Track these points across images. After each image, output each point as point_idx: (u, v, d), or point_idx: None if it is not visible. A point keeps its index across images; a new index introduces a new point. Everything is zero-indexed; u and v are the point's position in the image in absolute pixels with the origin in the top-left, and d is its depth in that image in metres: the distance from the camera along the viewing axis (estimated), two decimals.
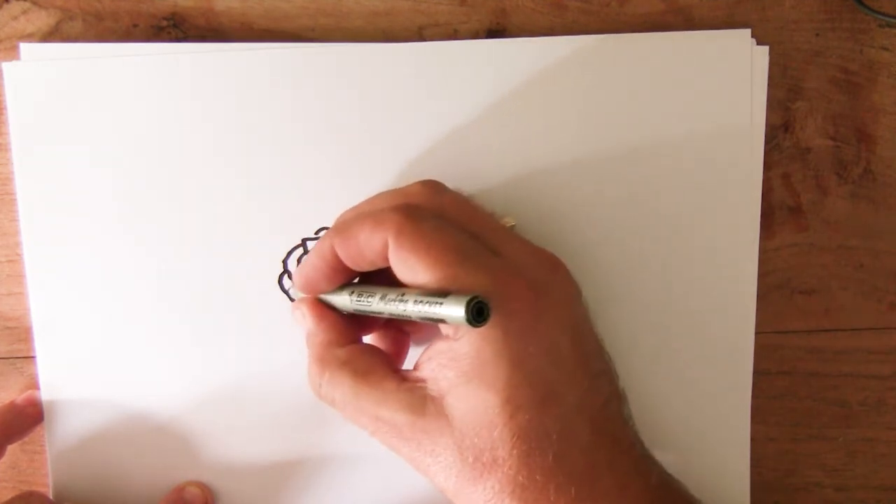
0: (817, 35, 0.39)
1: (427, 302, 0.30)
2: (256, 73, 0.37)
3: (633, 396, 0.34)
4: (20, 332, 0.39)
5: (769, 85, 0.38)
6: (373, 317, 0.34)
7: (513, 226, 0.37)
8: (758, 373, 0.39)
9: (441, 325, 0.32)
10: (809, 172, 0.40)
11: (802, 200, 0.40)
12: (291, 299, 0.38)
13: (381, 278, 0.34)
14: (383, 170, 0.38)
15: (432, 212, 0.33)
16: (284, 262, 0.38)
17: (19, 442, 0.38)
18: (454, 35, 0.38)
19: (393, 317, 0.32)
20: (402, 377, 0.33)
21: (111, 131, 0.37)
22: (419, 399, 0.32)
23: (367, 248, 0.32)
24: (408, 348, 0.37)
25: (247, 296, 0.38)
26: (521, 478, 0.30)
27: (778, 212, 0.40)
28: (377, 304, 0.32)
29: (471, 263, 0.31)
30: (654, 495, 0.33)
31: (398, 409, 0.32)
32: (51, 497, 0.38)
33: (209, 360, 0.38)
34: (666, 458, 0.34)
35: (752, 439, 0.39)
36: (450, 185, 0.35)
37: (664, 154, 0.38)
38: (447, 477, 0.31)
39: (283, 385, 0.38)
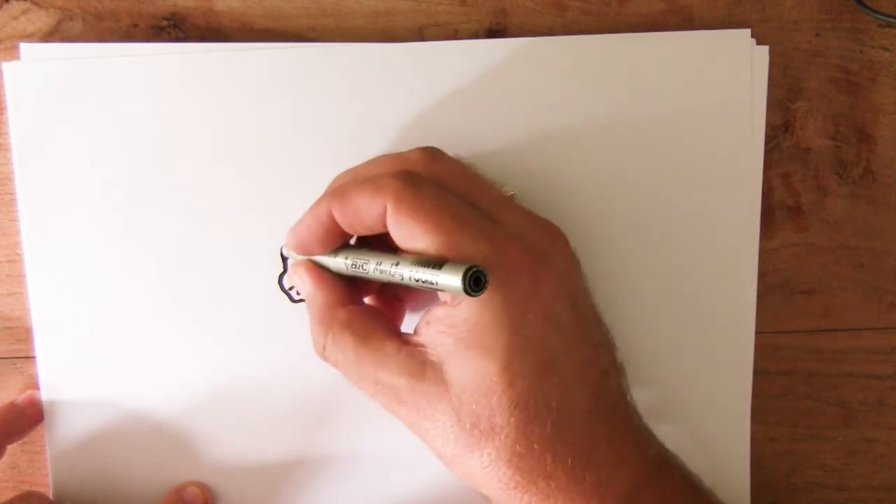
0: (817, 35, 0.39)
1: (424, 269, 0.30)
2: (256, 73, 0.37)
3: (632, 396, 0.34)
4: (20, 332, 0.39)
5: (769, 85, 0.38)
6: (368, 281, 0.34)
7: (512, 195, 0.37)
8: (758, 373, 0.39)
9: (439, 293, 0.31)
10: (809, 172, 0.40)
11: (802, 200, 0.40)
12: (292, 299, 0.38)
13: (378, 242, 0.34)
14: None
15: (432, 179, 0.32)
16: (284, 261, 0.38)
17: (19, 442, 0.38)
18: (454, 35, 0.38)
19: (389, 282, 0.32)
20: (402, 340, 0.33)
21: (111, 131, 0.37)
22: (419, 363, 0.32)
23: (365, 213, 0.32)
24: (403, 314, 0.37)
25: (247, 295, 0.38)
26: (518, 446, 0.30)
27: (778, 212, 0.40)
28: (373, 269, 0.32)
29: (470, 230, 0.31)
30: (651, 466, 0.33)
31: (397, 373, 0.32)
32: (51, 497, 0.38)
33: (209, 360, 0.38)
34: None
35: (752, 439, 0.39)
36: None
37: (664, 154, 0.38)
38: (445, 442, 0.31)
39: (283, 385, 0.38)
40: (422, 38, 0.38)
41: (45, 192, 0.37)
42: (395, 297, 0.37)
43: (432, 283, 0.29)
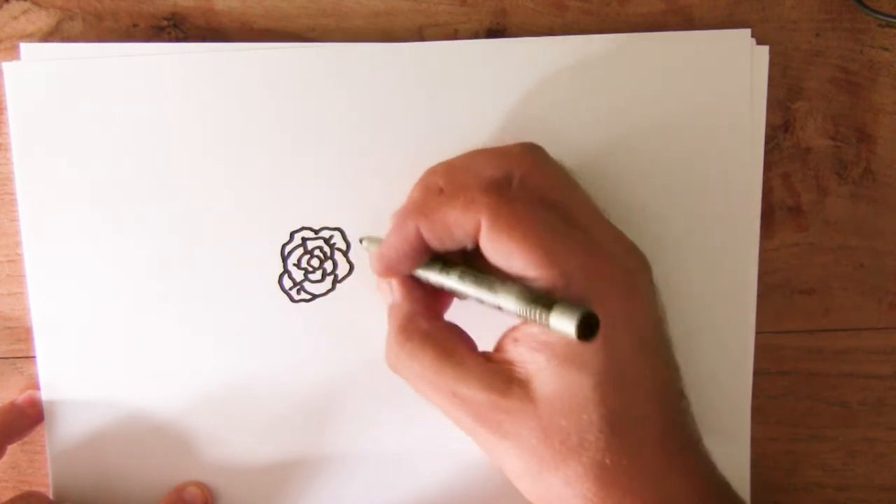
0: (817, 35, 0.39)
1: (532, 306, 0.29)
2: (256, 73, 0.37)
3: None
4: (20, 332, 0.39)
5: (769, 85, 0.38)
6: (450, 294, 0.34)
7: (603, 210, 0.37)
8: (758, 373, 0.39)
9: None
10: (809, 172, 0.40)
11: (802, 200, 0.40)
12: (292, 299, 0.38)
13: (458, 253, 0.33)
14: (384, 170, 0.38)
15: (528, 186, 0.32)
16: (284, 261, 0.38)
17: (19, 442, 0.38)
18: (454, 35, 0.38)
19: (484, 304, 0.32)
20: (485, 357, 0.33)
21: (111, 131, 0.37)
22: (503, 380, 0.31)
23: (456, 230, 0.32)
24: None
25: (247, 295, 0.38)
26: (607, 461, 0.31)
27: (778, 212, 0.40)
28: (471, 294, 0.32)
29: (568, 244, 0.31)
30: (715, 490, 0.33)
31: (480, 388, 0.31)
32: (51, 497, 0.38)
33: (209, 360, 0.38)
34: None
35: (752, 439, 0.39)
36: None
37: (664, 154, 0.38)
38: (527, 459, 0.31)
39: (283, 385, 0.38)
40: (422, 38, 0.38)
41: (45, 192, 0.37)
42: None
43: (541, 321, 0.29)
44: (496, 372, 0.32)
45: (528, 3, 0.38)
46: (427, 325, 0.34)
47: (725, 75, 0.38)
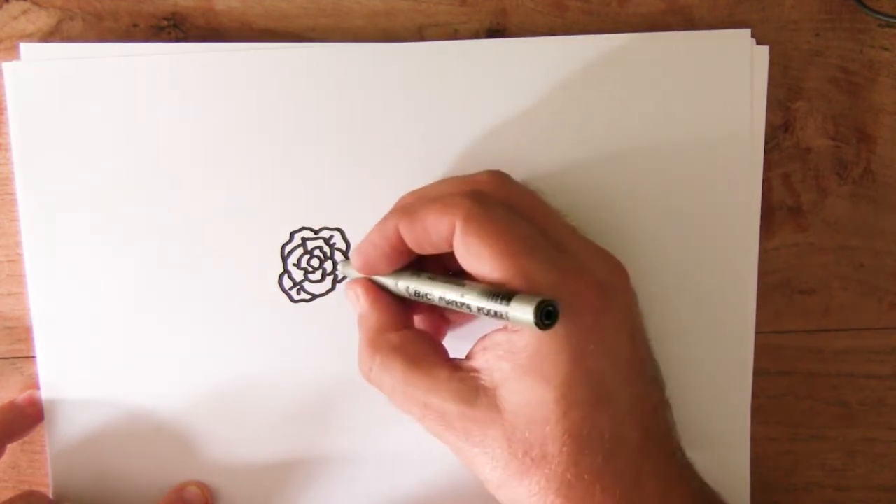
0: (817, 35, 0.39)
1: (493, 301, 0.29)
2: (256, 73, 0.37)
3: None
4: (20, 332, 0.39)
5: (769, 85, 0.38)
6: (422, 302, 0.34)
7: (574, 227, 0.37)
8: (758, 373, 0.39)
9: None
10: (809, 172, 0.40)
11: (802, 200, 0.40)
12: (291, 299, 0.38)
13: (435, 263, 0.33)
14: (384, 170, 0.38)
15: (501, 201, 0.32)
16: (284, 261, 0.38)
17: (19, 442, 0.38)
18: (454, 35, 0.38)
19: (449, 307, 0.32)
20: (453, 366, 0.33)
21: (111, 131, 0.37)
22: (471, 389, 0.31)
23: (433, 231, 0.32)
24: (446, 332, 0.37)
25: (247, 295, 0.38)
26: (569, 475, 0.30)
27: (778, 212, 0.40)
28: (437, 298, 0.32)
29: (538, 257, 0.31)
30: (695, 501, 0.33)
31: (448, 399, 0.32)
32: (51, 497, 0.38)
33: (209, 360, 0.38)
34: None
35: (752, 439, 0.39)
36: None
37: (664, 154, 0.38)
38: (493, 468, 0.31)
39: (283, 385, 0.38)
40: (422, 38, 0.38)
41: (45, 192, 0.37)
42: (441, 317, 0.37)
43: (501, 315, 0.29)
44: (464, 380, 0.32)
45: (528, 3, 0.38)
46: (395, 337, 0.34)
47: (725, 75, 0.38)
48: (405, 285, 0.34)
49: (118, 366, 0.38)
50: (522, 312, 0.28)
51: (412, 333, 0.34)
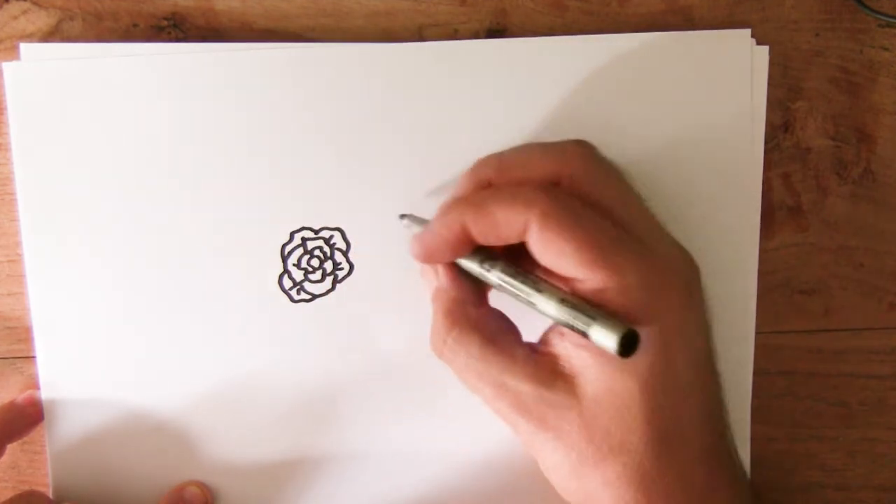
0: (817, 35, 0.39)
1: (576, 315, 0.29)
2: (256, 73, 0.37)
3: None
4: (20, 332, 0.39)
5: (769, 85, 0.38)
6: (503, 291, 0.33)
7: None
8: (758, 373, 0.39)
9: None
10: (809, 172, 0.40)
11: (802, 200, 0.40)
12: (292, 299, 0.38)
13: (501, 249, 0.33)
14: (384, 169, 0.38)
15: (580, 186, 0.32)
16: (284, 261, 0.38)
17: (19, 442, 0.38)
18: (454, 35, 0.38)
19: (520, 301, 0.31)
20: (531, 348, 0.32)
21: (111, 131, 0.37)
22: (549, 373, 0.31)
23: (504, 226, 0.31)
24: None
25: (247, 295, 0.38)
26: (646, 463, 0.30)
27: (778, 212, 0.40)
28: (514, 290, 0.31)
29: (622, 257, 0.30)
30: (751, 496, 0.33)
31: (525, 380, 0.31)
32: (51, 497, 0.38)
33: (209, 360, 0.38)
34: None
35: (752, 439, 0.39)
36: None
37: (664, 154, 0.38)
38: (566, 455, 0.31)
39: (283, 385, 0.38)
40: (422, 38, 0.38)
41: (45, 192, 0.37)
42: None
43: (582, 331, 0.29)
44: (542, 364, 0.31)
45: (528, 3, 0.38)
46: (474, 311, 0.33)
47: (725, 75, 0.38)
48: (487, 270, 0.33)
49: (118, 366, 0.38)
50: (604, 340, 0.28)
51: (490, 311, 0.34)
